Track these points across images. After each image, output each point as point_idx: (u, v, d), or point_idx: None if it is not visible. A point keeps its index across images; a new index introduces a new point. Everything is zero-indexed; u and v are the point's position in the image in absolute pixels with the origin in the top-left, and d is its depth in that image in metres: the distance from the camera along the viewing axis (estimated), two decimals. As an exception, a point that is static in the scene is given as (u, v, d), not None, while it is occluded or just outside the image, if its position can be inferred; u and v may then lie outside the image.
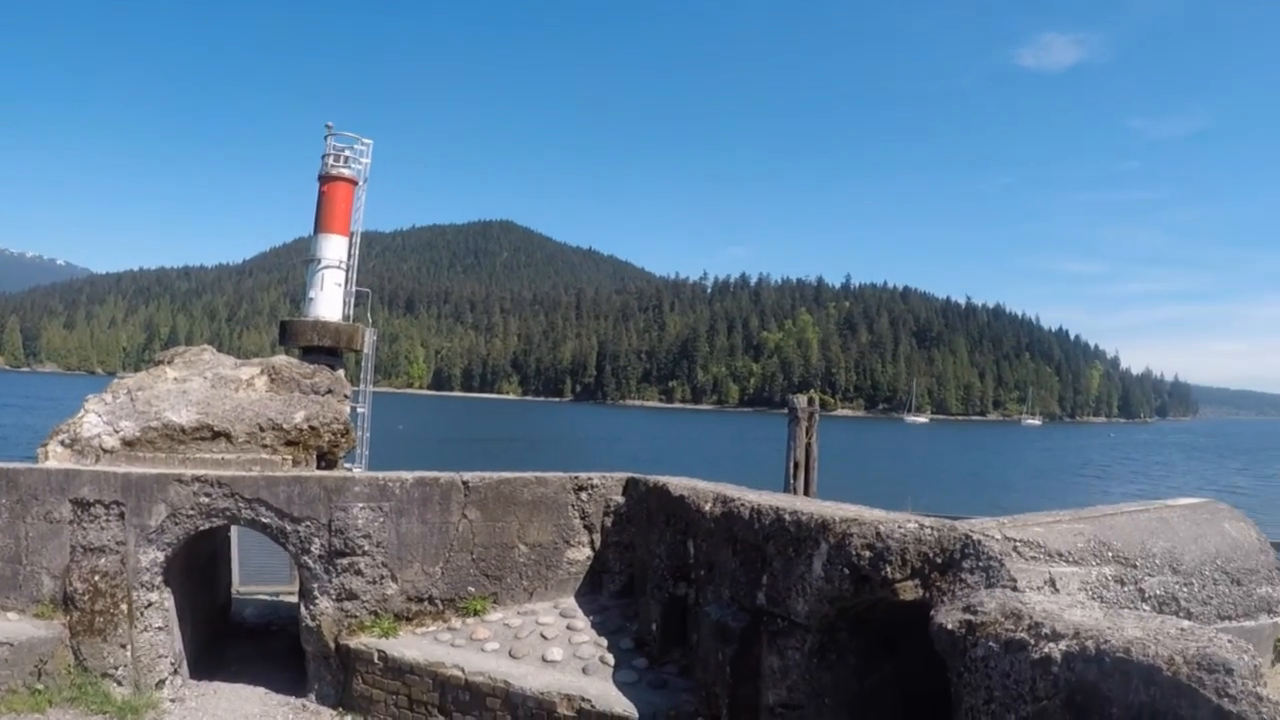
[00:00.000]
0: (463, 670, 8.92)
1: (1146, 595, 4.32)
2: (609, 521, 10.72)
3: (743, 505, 7.41)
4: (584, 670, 8.84)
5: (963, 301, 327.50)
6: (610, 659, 8.98)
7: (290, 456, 11.10)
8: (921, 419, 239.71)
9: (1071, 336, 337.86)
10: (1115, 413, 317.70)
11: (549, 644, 9.36)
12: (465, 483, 10.36)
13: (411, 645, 9.57)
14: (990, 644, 3.43)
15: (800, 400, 19.99)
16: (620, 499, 10.74)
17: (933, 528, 4.23)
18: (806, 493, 18.99)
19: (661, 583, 9.21)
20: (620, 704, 8.06)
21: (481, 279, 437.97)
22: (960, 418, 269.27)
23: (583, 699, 8.16)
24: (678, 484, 9.49)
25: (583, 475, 10.87)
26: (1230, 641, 2.96)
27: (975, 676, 3.50)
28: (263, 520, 9.96)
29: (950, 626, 3.66)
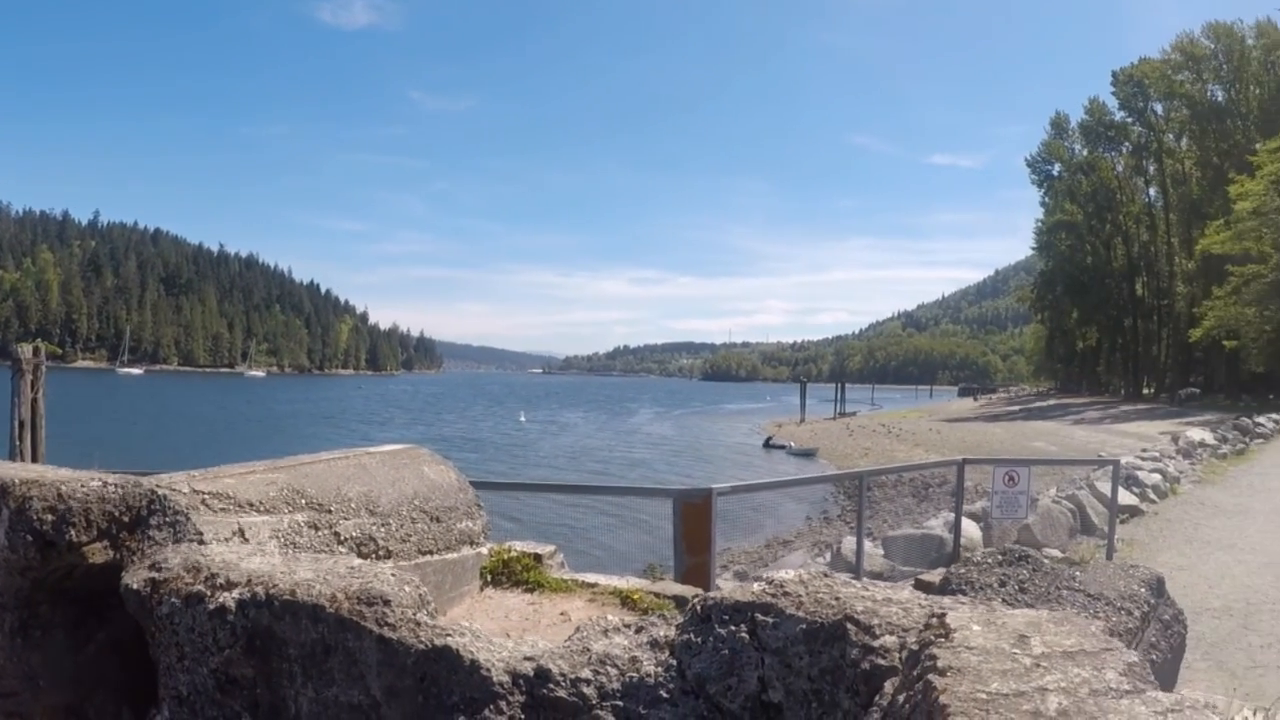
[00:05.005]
0: None
1: (343, 538, 4.63)
2: None
3: (-92, 470, 6.36)
4: None
5: (215, 249, 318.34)
6: None
7: None
8: (136, 370, 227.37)
9: (323, 291, 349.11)
10: (364, 365, 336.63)
11: None
12: None
13: None
14: (174, 600, 3.37)
15: (25, 350, 17.66)
16: None
17: (117, 485, 4.03)
18: (35, 456, 16.84)
19: None
20: None
21: None
22: (208, 370, 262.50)
23: None
24: None
25: None
26: (394, 576, 3.27)
27: (165, 635, 3.44)
28: None
29: (136, 587, 3.54)
